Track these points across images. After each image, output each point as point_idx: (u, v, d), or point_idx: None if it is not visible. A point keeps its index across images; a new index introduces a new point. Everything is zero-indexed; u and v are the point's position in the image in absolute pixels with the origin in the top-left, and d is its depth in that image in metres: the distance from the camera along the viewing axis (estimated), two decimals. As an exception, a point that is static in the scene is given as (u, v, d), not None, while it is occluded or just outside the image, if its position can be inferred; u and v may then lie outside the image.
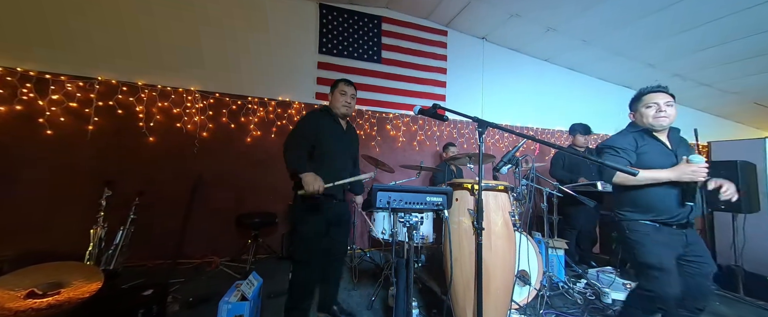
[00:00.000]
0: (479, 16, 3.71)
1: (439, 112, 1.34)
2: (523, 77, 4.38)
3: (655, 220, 1.35)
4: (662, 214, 1.34)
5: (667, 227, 1.34)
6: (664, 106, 1.38)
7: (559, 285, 2.34)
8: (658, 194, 1.35)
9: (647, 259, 1.33)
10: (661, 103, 1.39)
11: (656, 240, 1.33)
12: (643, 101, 1.44)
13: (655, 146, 1.42)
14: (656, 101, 1.39)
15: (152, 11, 2.86)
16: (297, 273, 1.62)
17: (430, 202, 1.23)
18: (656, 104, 1.39)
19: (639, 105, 1.47)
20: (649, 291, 1.33)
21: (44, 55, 2.54)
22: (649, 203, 1.36)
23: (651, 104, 1.41)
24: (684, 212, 1.33)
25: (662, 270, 1.29)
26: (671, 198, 1.34)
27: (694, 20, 3.19)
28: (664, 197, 1.34)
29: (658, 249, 1.32)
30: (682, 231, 1.34)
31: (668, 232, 1.33)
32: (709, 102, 5.03)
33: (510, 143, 4.31)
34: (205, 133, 2.97)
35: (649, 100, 1.42)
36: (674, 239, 1.33)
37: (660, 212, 1.34)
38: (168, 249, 2.75)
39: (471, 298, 1.33)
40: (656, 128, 1.43)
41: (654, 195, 1.35)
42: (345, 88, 1.76)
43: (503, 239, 1.41)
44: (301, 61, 3.42)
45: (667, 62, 4.08)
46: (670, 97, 1.41)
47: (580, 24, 3.52)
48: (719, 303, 2.32)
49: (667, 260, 1.30)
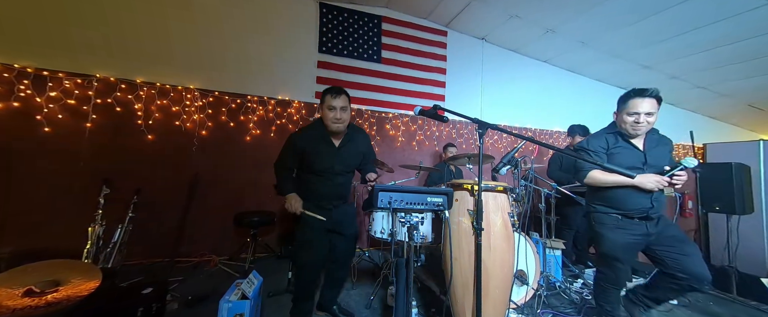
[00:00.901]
0: (479, 16, 3.72)
1: (439, 113, 1.35)
2: (522, 78, 4.40)
3: (618, 213, 1.54)
4: (626, 208, 1.52)
5: (628, 219, 1.52)
6: (643, 117, 1.46)
7: (556, 284, 2.36)
8: (620, 193, 1.52)
9: (605, 249, 1.57)
10: (641, 113, 1.46)
11: (615, 232, 1.53)
12: (627, 106, 1.52)
13: (626, 148, 1.55)
14: (638, 111, 1.46)
15: (151, 8, 2.84)
16: (296, 277, 1.70)
17: (431, 203, 1.24)
18: (637, 114, 1.47)
19: (623, 109, 1.54)
20: (603, 273, 1.64)
21: (42, 52, 2.52)
22: (617, 198, 1.54)
23: (632, 113, 1.48)
24: (644, 207, 1.49)
25: (616, 259, 1.54)
26: (632, 196, 1.50)
27: (689, 24, 3.23)
28: (625, 195, 1.51)
29: (615, 241, 1.53)
30: (643, 223, 1.51)
31: (629, 223, 1.52)
32: (705, 104, 5.09)
33: (509, 144, 4.33)
34: (204, 132, 2.96)
35: (631, 107, 1.49)
36: (635, 228, 1.51)
37: (624, 206, 1.52)
38: (166, 248, 2.74)
39: (470, 298, 1.35)
40: (629, 135, 1.54)
41: (617, 194, 1.53)
42: (332, 102, 1.54)
43: (502, 239, 1.42)
44: (300, 60, 3.41)
45: (663, 64, 4.12)
46: (655, 102, 1.47)
47: (579, 26, 3.55)
48: (713, 303, 2.36)
49: (621, 251, 1.53)
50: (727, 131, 5.68)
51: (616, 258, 1.53)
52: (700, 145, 4.44)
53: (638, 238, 1.51)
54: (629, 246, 1.52)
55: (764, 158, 3.30)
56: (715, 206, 2.83)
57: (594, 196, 1.64)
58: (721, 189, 2.76)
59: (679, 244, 1.47)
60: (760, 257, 3.03)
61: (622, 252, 1.52)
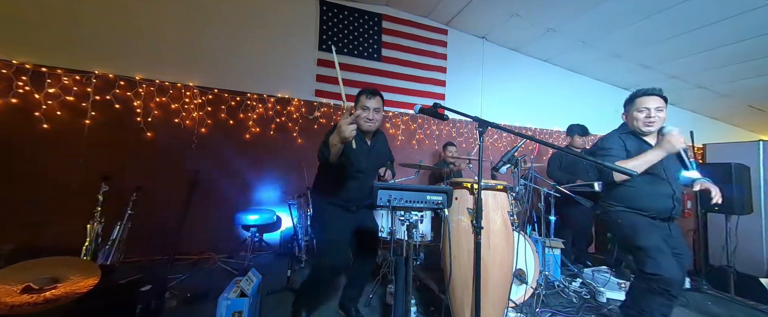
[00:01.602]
0: (479, 15, 3.71)
1: (439, 112, 1.35)
2: (522, 77, 4.39)
3: (640, 212, 1.49)
4: (649, 210, 1.47)
5: (652, 219, 1.48)
6: (654, 112, 1.45)
7: (555, 284, 2.36)
8: (649, 191, 1.46)
9: (644, 242, 1.40)
10: (651, 108, 1.46)
11: (648, 226, 1.46)
12: (635, 104, 1.52)
13: (639, 147, 1.51)
14: (647, 106, 1.47)
15: (151, 5, 2.83)
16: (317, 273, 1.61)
17: (431, 201, 1.24)
18: (647, 109, 1.47)
19: (631, 108, 1.54)
20: (652, 274, 1.35)
21: (40, 48, 2.50)
22: (639, 200, 1.48)
23: (642, 109, 1.48)
24: (667, 207, 1.44)
25: (660, 251, 1.36)
26: (659, 195, 1.45)
27: (690, 24, 3.22)
28: (654, 194, 1.46)
29: (651, 232, 1.43)
30: (665, 224, 1.47)
31: (653, 222, 1.47)
32: (705, 104, 5.09)
33: (508, 143, 4.33)
34: (203, 129, 2.96)
35: (640, 104, 1.49)
36: (659, 228, 1.46)
37: (647, 208, 1.47)
38: (166, 245, 2.74)
39: (469, 296, 1.35)
40: (641, 132, 1.51)
41: (645, 193, 1.46)
42: (366, 102, 1.57)
43: (501, 238, 1.42)
44: (300, 57, 3.40)
45: (663, 64, 4.11)
46: (662, 100, 1.47)
47: (580, 25, 3.54)
48: (711, 303, 2.37)
49: (662, 241, 1.40)
50: (728, 131, 5.68)
51: (660, 249, 1.37)
52: (700, 145, 4.43)
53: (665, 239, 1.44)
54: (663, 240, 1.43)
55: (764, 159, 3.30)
56: (715, 206, 2.82)
57: (613, 195, 1.56)
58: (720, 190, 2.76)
59: (684, 248, 1.47)
60: (758, 257, 3.04)
61: (662, 242, 1.40)
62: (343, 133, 1.21)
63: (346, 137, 1.23)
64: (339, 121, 1.23)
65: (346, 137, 1.23)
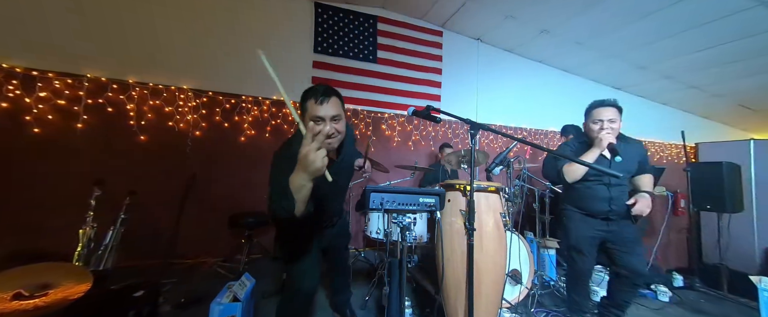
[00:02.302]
0: (474, 17, 3.73)
1: (432, 114, 1.35)
2: (517, 78, 4.42)
3: (581, 211, 1.73)
4: (588, 209, 1.70)
5: (592, 218, 1.70)
6: (607, 123, 1.59)
7: (550, 284, 2.37)
8: (589, 194, 1.69)
9: (569, 241, 1.77)
10: (605, 119, 1.60)
11: (579, 226, 1.72)
12: (592, 116, 1.67)
13: None
14: (601, 118, 1.62)
15: (142, 7, 2.81)
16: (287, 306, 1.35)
17: (423, 203, 1.24)
18: (601, 121, 1.61)
19: (588, 119, 1.69)
20: (570, 265, 1.79)
21: (31, 51, 2.48)
22: (581, 200, 1.72)
23: (597, 120, 1.63)
24: (603, 210, 1.65)
25: (579, 252, 1.71)
26: (596, 198, 1.67)
27: (683, 24, 3.26)
28: (592, 196, 1.68)
29: (576, 233, 1.72)
30: (604, 222, 1.68)
31: (590, 220, 1.70)
32: (697, 103, 5.15)
33: (504, 143, 4.35)
34: (198, 132, 2.94)
35: (595, 115, 1.65)
36: (595, 225, 1.69)
37: (587, 207, 1.71)
38: (160, 250, 2.72)
39: (462, 298, 1.35)
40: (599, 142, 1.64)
41: (585, 195, 1.70)
42: (319, 111, 1.08)
43: (494, 240, 1.43)
44: (295, 60, 3.39)
45: (657, 64, 4.15)
46: (616, 111, 1.62)
47: (573, 27, 3.57)
48: (704, 300, 2.39)
49: (582, 242, 1.70)
50: (720, 130, 5.75)
51: (579, 250, 1.71)
52: (693, 144, 4.49)
53: (599, 233, 1.69)
54: (590, 239, 1.70)
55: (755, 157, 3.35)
56: (707, 205, 2.87)
57: (565, 197, 1.85)
58: (712, 188, 2.80)
59: (631, 244, 1.64)
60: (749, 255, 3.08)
61: (585, 243, 1.70)
62: (314, 163, 0.84)
63: (318, 169, 0.85)
64: (301, 150, 0.84)
65: (318, 169, 0.85)
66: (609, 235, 1.68)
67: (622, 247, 1.65)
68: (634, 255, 1.62)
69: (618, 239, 1.66)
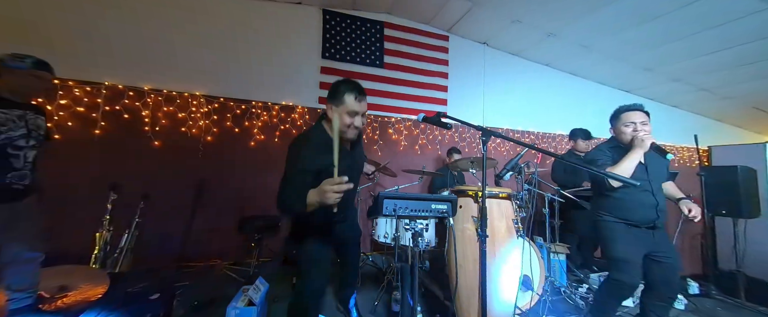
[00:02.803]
0: (480, 21, 3.75)
1: (442, 120, 1.37)
2: (524, 82, 4.41)
3: (625, 221, 1.57)
4: (634, 218, 1.56)
5: (636, 228, 1.56)
6: (640, 125, 1.55)
7: (561, 289, 2.35)
8: (634, 202, 1.55)
9: (616, 253, 1.57)
10: (637, 122, 1.56)
11: (625, 237, 1.56)
12: (622, 119, 1.62)
13: None
14: (633, 120, 1.57)
15: (158, 16, 2.90)
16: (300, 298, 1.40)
17: (435, 209, 1.25)
18: (633, 123, 1.56)
19: (618, 122, 1.64)
20: (616, 280, 1.56)
21: (52, 60, 2.56)
22: (625, 209, 1.57)
23: (628, 123, 1.58)
24: (650, 218, 1.53)
25: (628, 262, 1.53)
26: (643, 205, 1.54)
27: (692, 27, 3.22)
28: (639, 204, 1.55)
29: (625, 245, 1.55)
30: (649, 232, 1.56)
31: (637, 231, 1.56)
32: (709, 106, 5.06)
33: (511, 147, 4.33)
34: (209, 137, 3.00)
35: (626, 119, 1.59)
36: (642, 236, 1.55)
37: (632, 217, 1.56)
38: (173, 253, 2.77)
39: (475, 305, 1.35)
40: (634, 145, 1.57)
41: (631, 203, 1.56)
42: (357, 107, 1.26)
43: (506, 246, 1.43)
44: (304, 65, 3.45)
45: (665, 67, 4.11)
46: (645, 115, 1.59)
47: (580, 29, 3.56)
48: (720, 308, 2.33)
49: (632, 254, 1.54)
50: (733, 133, 5.63)
51: (627, 261, 1.54)
52: (705, 147, 4.40)
53: (646, 247, 1.56)
54: (637, 251, 1.56)
55: (770, 161, 3.27)
56: (722, 210, 2.80)
57: (601, 204, 1.66)
58: (727, 193, 2.74)
59: (673, 256, 1.56)
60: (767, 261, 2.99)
61: (632, 254, 1.55)
62: (329, 200, 1.02)
63: (330, 204, 1.04)
64: (329, 188, 1.02)
65: (330, 204, 1.04)
66: (653, 247, 1.56)
67: (667, 256, 1.54)
68: (675, 270, 1.53)
69: (664, 249, 1.56)
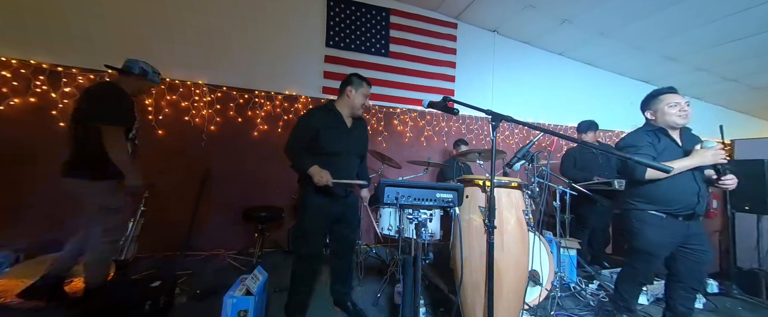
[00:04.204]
0: (490, 7, 3.59)
1: (449, 106, 1.28)
2: (536, 72, 4.24)
3: (662, 211, 1.49)
4: (673, 206, 1.47)
5: (673, 218, 1.48)
6: (685, 106, 1.52)
7: (571, 286, 2.27)
8: (674, 187, 1.46)
9: (644, 246, 1.54)
10: (682, 102, 1.52)
11: (658, 231, 1.50)
12: (665, 101, 1.55)
13: (668, 147, 1.54)
14: (678, 101, 1.52)
15: (161, 4, 2.86)
16: (296, 266, 1.65)
17: (440, 199, 1.18)
18: (678, 104, 1.52)
19: (660, 104, 1.57)
20: (634, 268, 1.63)
21: (55, 48, 2.56)
22: (663, 196, 1.49)
23: (673, 103, 1.52)
24: (691, 204, 1.45)
25: (652, 255, 1.53)
26: (684, 191, 1.47)
27: (717, 12, 3.01)
28: (679, 190, 1.47)
29: (656, 238, 1.50)
30: (686, 223, 1.48)
31: (672, 223, 1.48)
32: (734, 97, 4.80)
33: (520, 140, 4.20)
34: (212, 127, 2.98)
35: (670, 99, 1.54)
36: (677, 229, 1.48)
37: (671, 204, 1.47)
38: (176, 241, 2.77)
39: (481, 299, 1.29)
40: (677, 125, 1.54)
41: (670, 189, 1.47)
42: (368, 91, 1.72)
43: (516, 238, 1.35)
44: (307, 54, 3.38)
45: (689, 55, 3.88)
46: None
47: (597, 15, 3.37)
48: (741, 308, 2.22)
49: (660, 248, 1.51)
50: (758, 126, 5.34)
51: (651, 254, 1.53)
52: (728, 141, 4.18)
53: (677, 239, 1.50)
54: (667, 246, 1.52)
55: (799, 155, 3.06)
56: (745, 206, 2.65)
57: (634, 193, 1.60)
58: (751, 188, 2.58)
59: (706, 248, 1.50)
60: (793, 260, 2.83)
61: (659, 249, 1.52)
62: (321, 182, 1.47)
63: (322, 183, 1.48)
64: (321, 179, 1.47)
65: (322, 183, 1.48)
66: (686, 239, 1.49)
67: (701, 249, 1.49)
68: (706, 264, 1.49)
69: (699, 241, 1.50)
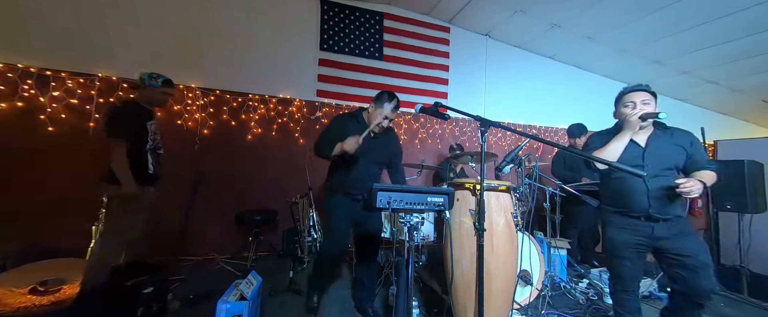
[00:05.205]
0: (482, 12, 3.65)
1: (440, 111, 1.32)
2: (527, 74, 4.32)
3: (618, 212, 1.51)
4: (624, 207, 1.49)
5: (633, 219, 1.46)
6: (640, 104, 1.44)
7: (561, 285, 2.32)
8: (622, 187, 1.49)
9: (606, 244, 1.56)
10: (637, 101, 1.45)
11: (615, 229, 1.51)
12: (622, 100, 1.51)
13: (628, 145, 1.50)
14: (633, 100, 1.46)
15: (152, 7, 2.84)
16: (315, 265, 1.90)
17: (431, 203, 1.21)
18: (633, 103, 1.46)
19: (618, 105, 1.55)
20: (611, 275, 1.59)
21: (44, 52, 2.52)
22: (615, 196, 1.53)
23: (628, 103, 1.48)
24: (643, 207, 1.42)
25: (619, 258, 1.50)
26: (632, 192, 1.45)
27: (700, 17, 3.12)
28: (627, 190, 1.47)
29: (615, 237, 1.51)
30: (650, 224, 1.42)
31: (633, 223, 1.46)
32: (716, 99, 4.95)
33: (512, 142, 4.27)
34: (205, 131, 2.96)
35: (627, 99, 1.50)
36: (639, 229, 1.45)
37: (622, 204, 1.50)
38: (169, 247, 2.75)
39: (472, 300, 1.32)
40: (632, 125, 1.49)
41: (618, 189, 1.51)
42: (392, 114, 1.79)
43: (505, 240, 1.39)
44: (301, 57, 3.38)
45: (673, 59, 4.00)
46: (649, 94, 1.47)
47: (585, 20, 3.46)
48: (724, 304, 2.30)
49: (621, 244, 1.49)
50: (739, 128, 5.53)
51: (619, 256, 1.49)
52: (711, 142, 4.32)
53: (643, 239, 1.44)
54: (633, 245, 1.45)
55: (778, 155, 3.19)
56: (727, 205, 2.75)
57: (603, 194, 1.65)
58: (733, 188, 2.68)
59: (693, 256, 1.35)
60: (772, 257, 2.94)
61: (626, 249, 1.47)
62: (350, 150, 1.49)
63: (349, 152, 1.50)
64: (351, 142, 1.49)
65: (349, 152, 1.50)
66: (659, 244, 1.41)
67: (682, 255, 1.36)
68: (697, 271, 1.33)
69: (677, 246, 1.38)
